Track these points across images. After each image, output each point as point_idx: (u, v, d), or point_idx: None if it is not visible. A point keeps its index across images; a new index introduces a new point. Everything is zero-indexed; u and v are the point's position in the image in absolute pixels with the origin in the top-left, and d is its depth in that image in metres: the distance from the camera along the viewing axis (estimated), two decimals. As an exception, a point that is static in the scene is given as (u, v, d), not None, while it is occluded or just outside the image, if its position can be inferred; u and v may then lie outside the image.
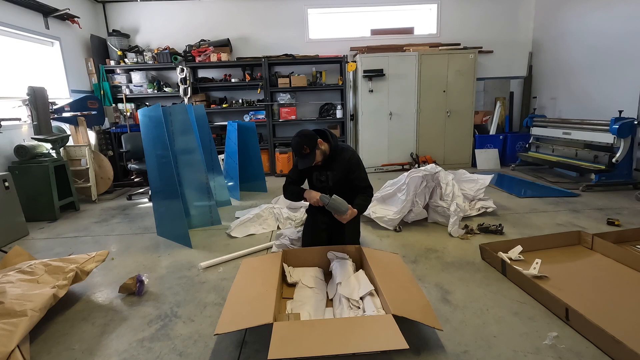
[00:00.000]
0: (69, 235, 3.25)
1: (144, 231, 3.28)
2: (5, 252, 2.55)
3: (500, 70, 6.01)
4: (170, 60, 5.33)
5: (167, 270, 2.44)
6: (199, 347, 1.63)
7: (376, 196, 3.25)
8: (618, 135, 3.85)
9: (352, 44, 5.79)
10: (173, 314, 1.91)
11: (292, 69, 5.79)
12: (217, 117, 5.94)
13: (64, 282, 1.92)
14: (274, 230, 3.14)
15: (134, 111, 5.51)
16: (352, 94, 5.85)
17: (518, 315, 1.77)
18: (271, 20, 5.75)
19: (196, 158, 3.22)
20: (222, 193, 3.98)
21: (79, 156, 4.30)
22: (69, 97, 4.83)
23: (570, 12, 5.13)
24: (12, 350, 1.47)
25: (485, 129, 5.94)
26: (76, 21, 4.98)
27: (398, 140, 5.61)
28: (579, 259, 2.33)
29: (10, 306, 1.65)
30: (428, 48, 5.54)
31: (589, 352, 1.49)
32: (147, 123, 3.00)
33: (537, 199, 3.79)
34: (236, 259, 2.56)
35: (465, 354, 1.51)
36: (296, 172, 2.47)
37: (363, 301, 1.77)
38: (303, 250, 2.35)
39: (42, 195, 3.65)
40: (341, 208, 2.19)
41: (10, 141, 3.80)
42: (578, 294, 1.89)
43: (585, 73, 4.92)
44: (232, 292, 1.80)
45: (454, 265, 2.35)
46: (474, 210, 3.28)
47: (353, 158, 2.39)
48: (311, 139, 2.24)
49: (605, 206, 3.49)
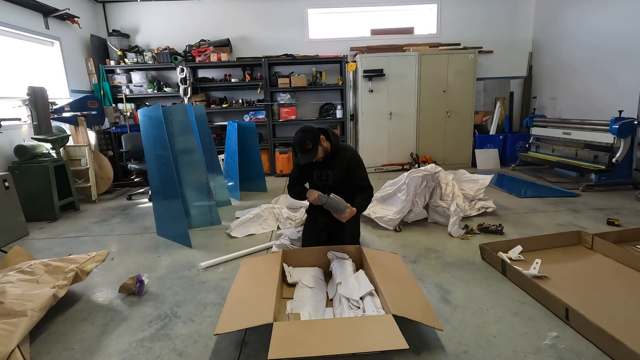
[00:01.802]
0: (69, 235, 3.25)
1: (144, 231, 3.28)
2: (5, 252, 2.55)
3: (500, 70, 6.01)
4: (170, 60, 5.34)
5: (167, 270, 2.44)
6: (199, 347, 1.63)
7: (376, 196, 3.25)
8: (618, 135, 3.85)
9: (352, 44, 5.79)
10: (173, 314, 1.91)
11: (292, 69, 5.79)
12: (217, 117, 5.94)
13: (64, 282, 1.92)
14: (274, 230, 3.14)
15: (134, 111, 5.51)
16: (352, 94, 5.85)
17: (518, 315, 1.77)
18: (271, 20, 5.75)
19: (196, 158, 3.22)
20: (222, 193, 3.98)
21: (79, 156, 4.30)
22: (69, 97, 4.83)
23: (570, 12, 5.13)
24: (12, 350, 1.47)
25: (485, 129, 5.94)
26: (76, 21, 4.98)
27: (398, 140, 5.61)
28: (579, 259, 2.33)
29: (10, 306, 1.65)
30: (428, 48, 5.54)
31: (589, 352, 1.49)
32: (147, 123, 3.00)
33: (537, 199, 3.79)
34: (236, 259, 2.56)
35: (465, 354, 1.51)
36: (297, 171, 2.48)
37: (363, 301, 1.77)
38: (303, 250, 2.35)
39: (42, 195, 3.65)
40: (339, 207, 2.20)
41: (10, 141, 3.80)
42: (578, 294, 1.89)
43: (585, 73, 4.92)
44: (232, 292, 1.80)
45: (454, 265, 2.35)
46: (474, 210, 3.28)
47: (354, 157, 2.39)
48: (314, 134, 2.25)
49: (605, 206, 3.49)
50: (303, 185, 2.52)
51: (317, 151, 2.26)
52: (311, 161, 2.30)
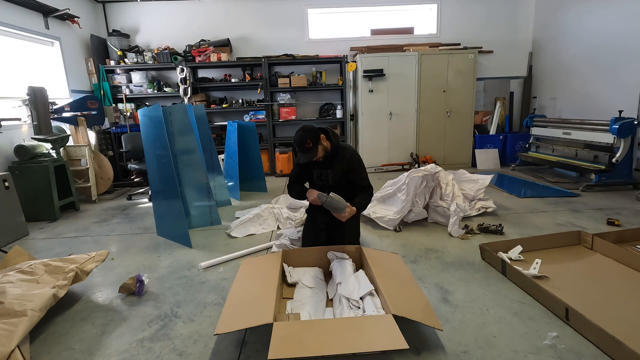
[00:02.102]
0: (69, 235, 3.25)
1: (144, 231, 3.28)
2: (5, 252, 2.55)
3: (500, 70, 6.01)
4: (170, 60, 5.34)
5: (167, 270, 2.44)
6: (199, 347, 1.63)
7: (376, 196, 3.25)
8: (618, 135, 3.85)
9: (352, 44, 5.79)
10: (173, 314, 1.91)
11: (292, 69, 5.79)
12: (217, 117, 5.94)
13: (64, 282, 1.92)
14: (274, 230, 3.14)
15: (134, 111, 5.51)
16: (352, 94, 5.85)
17: (518, 315, 1.77)
18: (271, 20, 5.75)
19: (196, 158, 3.22)
20: (222, 193, 3.98)
21: (79, 156, 4.30)
22: (69, 97, 4.83)
23: (570, 12, 5.13)
24: (12, 350, 1.47)
25: (485, 129, 5.94)
26: (76, 21, 4.98)
27: (398, 140, 5.61)
28: (579, 259, 2.33)
29: (10, 306, 1.65)
30: (428, 48, 5.54)
31: (589, 352, 1.49)
32: (147, 123, 3.00)
33: (537, 199, 3.79)
34: (236, 259, 2.56)
35: (465, 354, 1.51)
36: (297, 171, 2.49)
37: (363, 301, 1.77)
38: (303, 250, 2.35)
39: (42, 195, 3.65)
40: (339, 206, 2.20)
41: (10, 141, 3.80)
42: (578, 294, 1.89)
43: (585, 73, 4.92)
44: (232, 292, 1.80)
45: (454, 265, 2.35)
46: (474, 210, 3.28)
47: (354, 157, 2.40)
48: (314, 133, 2.25)
49: (605, 206, 3.49)
50: (303, 184, 2.52)
51: (317, 150, 2.26)
52: (311, 160, 2.30)
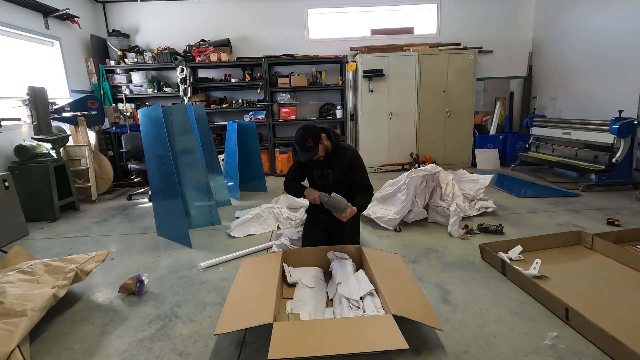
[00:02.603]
0: (69, 235, 3.25)
1: (144, 231, 3.28)
2: (5, 252, 2.55)
3: (500, 70, 6.01)
4: (170, 60, 5.33)
5: (167, 270, 2.44)
6: (199, 347, 1.63)
7: (376, 196, 3.25)
8: (618, 135, 3.85)
9: (352, 44, 5.79)
10: (173, 314, 1.91)
11: (292, 69, 5.79)
12: (217, 117, 5.94)
13: (64, 282, 1.92)
14: (274, 230, 3.14)
15: (134, 111, 5.52)
16: (352, 94, 5.85)
17: (518, 315, 1.76)
18: (271, 20, 5.75)
19: (196, 158, 3.22)
20: (222, 193, 3.98)
21: (79, 156, 4.30)
22: (69, 97, 4.83)
23: (570, 12, 5.13)
24: (12, 350, 1.47)
25: (485, 129, 5.94)
26: (76, 21, 4.98)
27: (398, 140, 5.61)
28: (579, 259, 2.33)
29: (10, 306, 1.65)
30: (428, 48, 5.54)
31: (589, 352, 1.49)
32: (147, 123, 3.00)
33: (537, 199, 3.79)
34: (236, 259, 2.56)
35: (465, 354, 1.51)
36: (296, 169, 2.49)
37: (363, 301, 1.77)
38: (303, 250, 2.35)
39: (42, 195, 3.65)
40: (340, 206, 2.20)
41: (10, 141, 3.80)
42: (578, 294, 1.89)
43: (586, 73, 4.92)
44: (232, 292, 1.80)
45: (454, 265, 2.35)
46: (474, 210, 3.28)
47: (354, 157, 2.40)
48: (315, 132, 2.25)
49: (605, 206, 3.49)
50: (300, 183, 2.52)
51: (318, 149, 2.27)
52: (311, 159, 2.31)
